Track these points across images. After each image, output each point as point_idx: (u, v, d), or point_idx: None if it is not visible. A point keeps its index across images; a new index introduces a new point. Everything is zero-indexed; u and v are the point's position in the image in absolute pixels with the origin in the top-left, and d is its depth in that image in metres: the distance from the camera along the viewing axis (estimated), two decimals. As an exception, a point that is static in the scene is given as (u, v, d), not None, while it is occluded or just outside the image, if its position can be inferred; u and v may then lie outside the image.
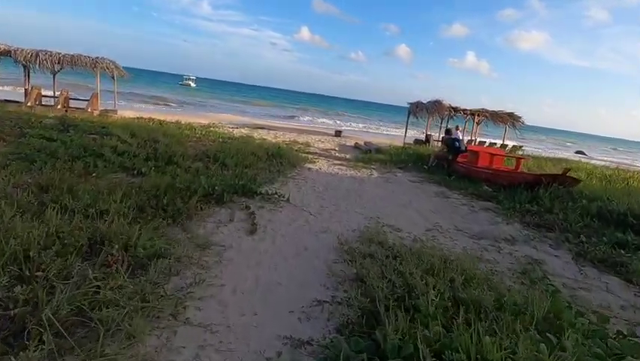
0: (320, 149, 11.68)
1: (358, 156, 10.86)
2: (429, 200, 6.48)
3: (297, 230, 4.29)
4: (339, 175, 7.80)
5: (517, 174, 7.11)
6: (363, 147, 12.26)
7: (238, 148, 7.76)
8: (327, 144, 13.21)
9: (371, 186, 7.06)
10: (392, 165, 9.60)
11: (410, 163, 9.87)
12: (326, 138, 15.37)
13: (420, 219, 5.31)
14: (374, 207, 5.62)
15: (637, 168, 20.04)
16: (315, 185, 6.56)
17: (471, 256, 3.86)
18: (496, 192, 6.98)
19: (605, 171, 11.10)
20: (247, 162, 6.87)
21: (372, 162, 9.95)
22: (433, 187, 7.53)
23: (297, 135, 14.85)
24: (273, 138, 12.80)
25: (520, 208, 6.01)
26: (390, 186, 7.26)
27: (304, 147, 11.31)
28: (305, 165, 8.23)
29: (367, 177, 7.97)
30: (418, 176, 8.60)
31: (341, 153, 11.21)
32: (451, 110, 15.29)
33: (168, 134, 8.29)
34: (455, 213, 5.81)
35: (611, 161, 25.98)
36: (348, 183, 7.08)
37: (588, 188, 7.01)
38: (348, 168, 8.79)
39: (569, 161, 13.82)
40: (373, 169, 8.95)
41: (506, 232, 5.02)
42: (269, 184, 5.97)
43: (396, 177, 8.30)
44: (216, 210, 4.44)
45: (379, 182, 7.57)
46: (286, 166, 7.43)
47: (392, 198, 6.31)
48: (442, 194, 7.01)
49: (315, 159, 9.30)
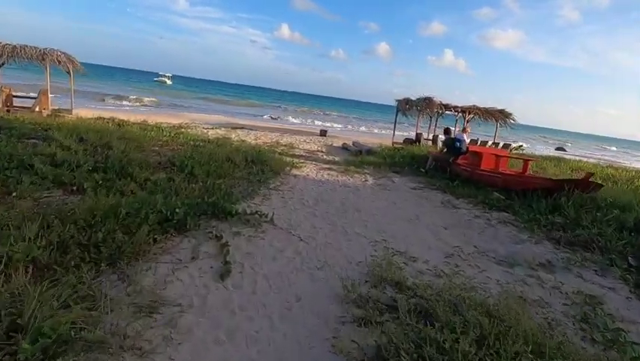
0: (306, 151, 10.63)
1: (348, 158, 9.87)
2: (436, 212, 5.56)
3: (285, 266, 3.25)
4: (331, 183, 6.78)
5: (532, 178, 6.29)
6: (352, 148, 11.30)
7: (211, 153, 6.60)
8: (313, 145, 12.17)
9: (368, 196, 6.07)
10: (387, 169, 8.67)
11: (406, 166, 8.96)
12: (311, 138, 14.32)
13: (433, 240, 4.37)
14: (377, 225, 4.63)
15: (621, 164, 20.05)
16: (304, 197, 5.52)
17: (515, 297, 2.94)
18: (510, 200, 6.15)
19: (605, 170, 10.57)
20: (221, 170, 5.74)
21: (365, 165, 8.98)
22: (436, 195, 6.62)
23: (280, 136, 13.74)
24: (254, 139, 11.64)
25: (543, 221, 5.17)
26: (390, 196, 6.29)
27: (288, 149, 10.23)
28: (290, 172, 7.16)
29: (362, 184, 6.99)
30: (417, 181, 7.69)
31: (329, 156, 10.20)
32: (442, 108, 14.55)
33: (128, 137, 7.03)
34: (471, 229, 4.90)
35: (594, 157, 26.16)
36: (342, 193, 6.07)
37: (609, 193, 6.27)
38: (340, 173, 7.78)
39: (563, 159, 13.31)
40: (367, 174, 7.98)
41: (538, 254, 4.14)
42: (248, 199, 4.88)
43: (393, 183, 7.36)
44: (175, 243, 3.33)
45: (376, 190, 6.59)
46: (268, 174, 6.34)
47: (395, 212, 5.35)
48: (448, 203, 6.11)
49: (302, 164, 8.25)
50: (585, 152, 33.44)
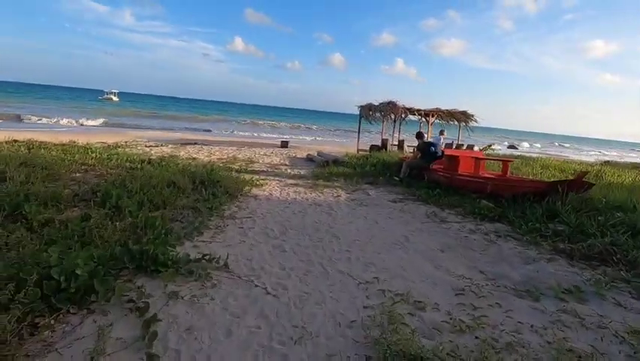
0: (267, 165, 9.55)
1: (315, 170, 8.93)
2: (425, 230, 4.74)
3: (246, 345, 2.18)
4: (299, 202, 5.77)
5: (522, 182, 5.72)
6: (317, 159, 10.40)
7: (150, 177, 5.33)
8: (275, 158, 11.11)
9: (345, 216, 5.13)
10: (359, 180, 7.83)
11: (379, 176, 8.19)
12: (272, 151, 13.25)
13: (433, 270, 3.50)
14: (362, 256, 3.69)
15: (566, 158, 21.03)
16: (269, 224, 4.46)
17: (568, 354, 2.12)
18: (499, 207, 5.52)
19: (571, 165, 10.56)
20: (160, 199, 4.51)
21: (334, 177, 8.09)
22: (419, 207, 5.85)
23: (238, 150, 12.52)
24: (206, 155, 10.35)
25: (544, 230, 4.53)
26: (369, 213, 5.41)
27: (247, 165, 9.09)
28: (250, 192, 6.06)
29: (335, 200, 6.05)
30: (395, 192, 6.91)
31: (294, 169, 9.20)
32: (406, 112, 14.16)
33: (37, 163, 5.55)
34: (470, 249, 4.12)
35: (546, 153, 27.52)
36: (314, 215, 5.08)
37: (597, 192, 5.85)
38: (308, 189, 6.80)
39: (532, 158, 13.35)
40: (338, 187, 7.07)
41: (559, 277, 3.41)
42: (194, 236, 3.74)
43: (369, 196, 6.50)
44: (69, 329, 2.14)
45: (352, 207, 5.68)
46: (222, 198, 5.20)
47: (379, 234, 4.45)
48: (435, 216, 5.34)
49: (263, 181, 7.17)
50: (536, 149, 35.34)
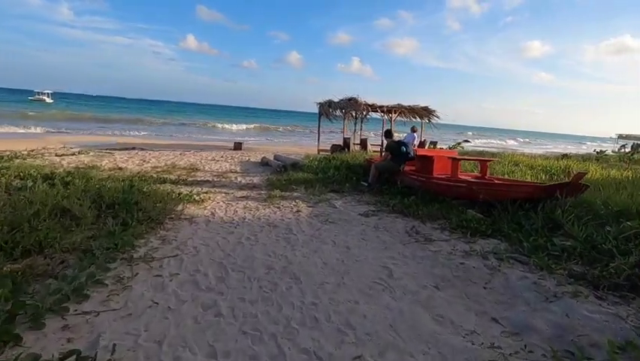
0: (214, 173, 8.13)
1: (271, 177, 7.69)
2: (411, 255, 3.72)
3: None
4: (249, 224, 4.52)
5: (512, 186, 4.92)
6: (274, 163, 9.14)
7: (30, 203, 3.78)
8: (224, 164, 9.68)
9: (308, 242, 3.97)
10: (322, 188, 6.72)
11: (345, 182, 7.14)
12: (222, 155, 11.75)
13: (435, 327, 2.46)
14: (335, 312, 2.55)
15: (521, 151, 21.60)
16: (202, 266, 3.18)
17: None
18: (487, 217, 4.69)
19: (537, 161, 10.24)
20: (34, 237, 3.05)
21: (293, 185, 6.91)
22: (396, 222, 4.86)
23: (181, 155, 10.89)
24: (139, 163, 8.68)
25: (550, 248, 3.71)
26: (338, 234, 4.30)
27: (188, 174, 7.62)
28: (184, 213, 4.70)
29: (294, 218, 4.87)
30: (365, 202, 5.89)
31: (245, 177, 7.87)
32: (368, 109, 13.32)
33: None
34: (472, 283, 3.15)
35: (499, 147, 28.37)
36: (268, 243, 3.86)
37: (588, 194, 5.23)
38: (261, 203, 5.56)
39: (500, 154, 13.07)
40: (298, 199, 5.91)
41: (598, 324, 2.52)
42: (72, 303, 2.38)
43: (336, 208, 5.41)
44: None
45: (317, 227, 4.54)
46: (138, 228, 3.78)
47: (354, 268, 3.35)
48: (417, 234, 4.36)
49: (205, 195, 5.81)
50: (484, 141, 36.65)
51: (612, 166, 11.11)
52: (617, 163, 12.85)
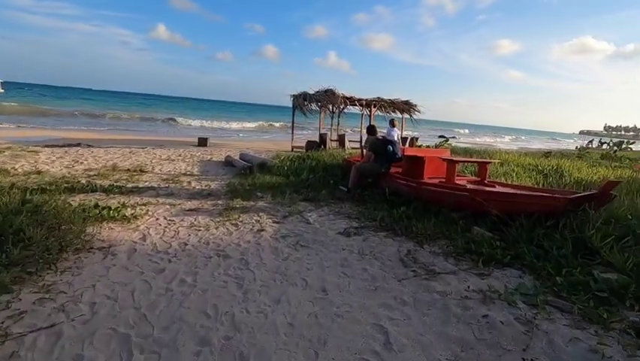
0: (164, 176, 6.79)
1: (232, 181, 6.45)
2: (411, 302, 2.67)
3: None
4: (190, 254, 3.32)
5: (527, 197, 3.96)
6: (239, 163, 7.89)
7: None
8: (181, 164, 8.31)
9: (269, 283, 2.83)
10: (293, 195, 5.58)
11: (322, 188, 6.04)
12: (182, 152, 10.32)
13: None
14: None
15: (502, 148, 21.36)
16: (89, 347, 1.97)
17: None
18: (500, 235, 3.74)
19: (526, 160, 9.56)
20: None
21: (258, 192, 5.73)
22: (385, 243, 3.81)
23: (131, 153, 9.38)
24: (69, 165, 7.18)
25: (593, 285, 2.78)
26: (312, 266, 3.19)
27: (129, 178, 6.26)
28: (101, 240, 3.44)
29: (255, 242, 3.71)
30: (344, 214, 4.81)
31: (202, 181, 6.59)
32: (345, 101, 12.26)
33: None
34: (507, 353, 2.14)
35: (475, 142, 28.20)
36: (208, 293, 2.66)
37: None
38: (214, 219, 4.35)
39: (486, 151, 12.35)
40: (262, 212, 4.74)
41: None
42: None
43: (309, 225, 4.30)
44: None
45: (284, 255, 3.40)
46: (4, 274, 2.52)
47: (334, 332, 2.25)
48: (415, 262, 3.33)
49: (142, 208, 4.55)
50: (467, 139, 36.67)
51: (597, 164, 10.67)
52: (599, 160, 12.52)
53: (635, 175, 7.85)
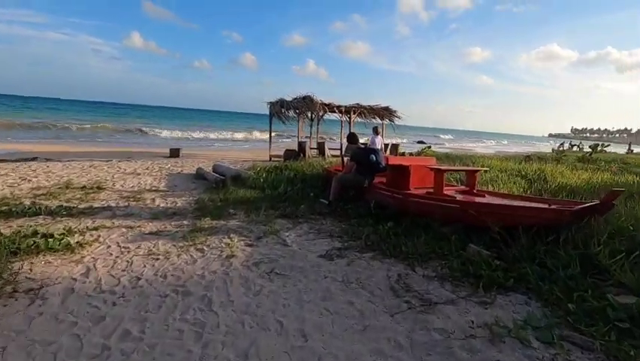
0: (125, 193, 6.12)
1: (202, 197, 5.87)
2: (408, 347, 2.23)
3: None
4: (141, 292, 2.76)
5: (529, 209, 3.60)
6: (210, 176, 7.30)
7: None
8: (146, 178, 7.64)
9: (235, 334, 2.30)
10: (269, 212, 5.08)
11: (301, 202, 5.56)
12: (150, 165, 9.60)
13: None
14: None
15: (480, 152, 21.60)
16: None
17: None
18: (497, 253, 3.37)
19: (509, 164, 9.42)
20: None
21: (231, 208, 5.19)
22: (372, 267, 3.37)
23: (92, 167, 8.59)
24: (13, 183, 6.40)
25: (611, 314, 2.43)
26: (289, 303, 2.69)
27: (84, 197, 5.57)
28: (36, 278, 2.82)
29: (222, 272, 3.18)
30: (326, 232, 4.34)
31: (168, 197, 5.97)
32: (324, 108, 11.89)
33: None
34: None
35: (453, 147, 28.54)
36: (155, 350, 2.14)
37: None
38: (177, 244, 3.78)
39: (467, 156, 12.22)
40: (234, 233, 4.21)
41: None
42: None
43: (287, 249, 3.80)
44: None
45: (256, 290, 2.89)
46: None
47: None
48: (408, 291, 2.90)
49: (93, 233, 3.93)
50: (437, 142, 37.17)
51: (575, 167, 10.72)
52: (576, 163, 12.66)
53: (614, 179, 7.81)
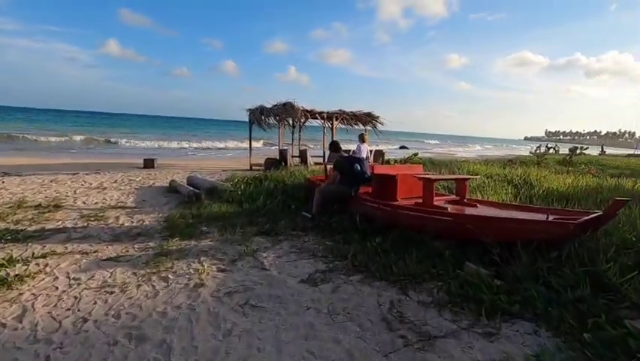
0: (85, 211, 5.53)
1: (173, 213, 5.37)
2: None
3: None
4: (85, 339, 2.28)
5: (529, 222, 3.29)
6: (184, 190, 6.79)
7: None
8: (113, 193, 7.04)
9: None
10: (246, 228, 4.64)
11: (281, 217, 5.15)
12: (120, 177, 8.96)
13: None
14: None
15: (462, 156, 21.74)
16: None
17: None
18: (496, 274, 3.06)
19: (495, 169, 9.31)
20: None
21: (204, 225, 4.73)
22: (363, 295, 2.98)
23: (56, 181, 7.90)
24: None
25: (634, 348, 2.14)
26: (265, 345, 2.27)
27: (36, 217, 4.98)
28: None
29: (187, 307, 2.72)
30: (308, 251, 3.95)
31: (135, 215, 5.44)
32: (306, 115, 11.56)
33: None
34: None
35: (433, 152, 28.75)
36: None
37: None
38: (138, 272, 3.30)
39: (452, 162, 12.08)
40: (206, 255, 3.76)
41: None
42: None
43: (265, 273, 3.38)
44: None
45: (226, 328, 2.46)
46: None
47: None
48: (402, 322, 2.54)
49: (40, 261, 3.40)
50: (421, 147, 37.48)
51: (557, 170, 10.75)
52: (555, 166, 12.77)
53: (598, 182, 7.78)
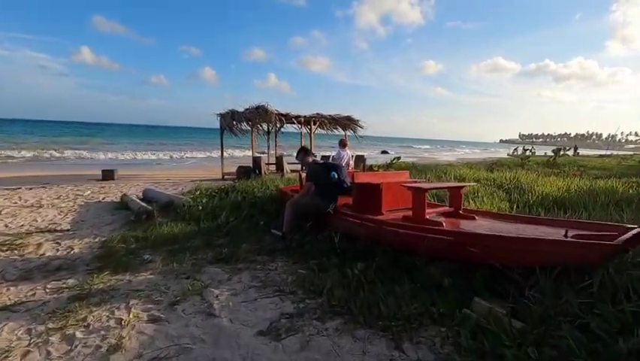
0: (1, 237, 4.51)
1: (114, 236, 4.41)
2: None
3: None
4: None
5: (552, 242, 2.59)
6: (135, 206, 5.82)
7: None
8: (50, 211, 5.97)
9: None
10: (199, 254, 3.77)
11: (244, 237, 4.30)
12: (66, 192, 7.83)
13: None
14: None
15: (445, 159, 21.49)
16: None
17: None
18: (512, 311, 2.35)
19: (483, 173, 8.78)
20: None
21: (147, 252, 3.82)
22: (342, 350, 2.20)
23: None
24: None
25: None
26: None
27: None
28: None
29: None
30: (274, 284, 3.12)
31: (64, 240, 4.43)
32: (281, 119, 10.76)
33: None
34: None
35: (414, 155, 28.52)
36: None
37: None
38: (33, 329, 2.38)
39: (438, 165, 11.52)
40: (136, 298, 2.87)
41: None
42: None
43: (211, 322, 2.53)
44: None
45: None
46: None
47: None
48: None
49: None
50: (403, 151, 37.33)
51: (543, 172, 10.39)
52: (538, 168, 12.47)
53: (590, 185, 7.32)
